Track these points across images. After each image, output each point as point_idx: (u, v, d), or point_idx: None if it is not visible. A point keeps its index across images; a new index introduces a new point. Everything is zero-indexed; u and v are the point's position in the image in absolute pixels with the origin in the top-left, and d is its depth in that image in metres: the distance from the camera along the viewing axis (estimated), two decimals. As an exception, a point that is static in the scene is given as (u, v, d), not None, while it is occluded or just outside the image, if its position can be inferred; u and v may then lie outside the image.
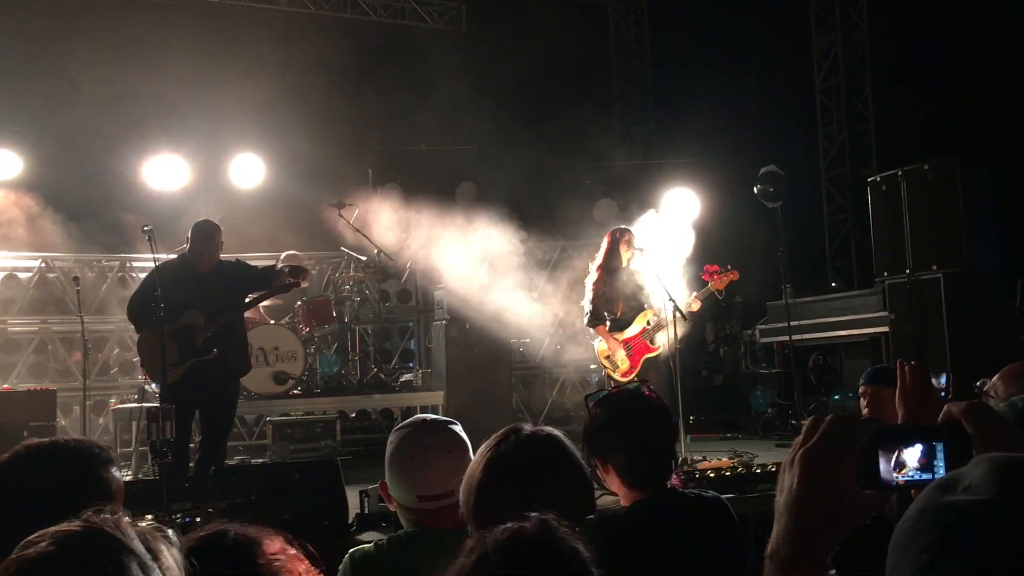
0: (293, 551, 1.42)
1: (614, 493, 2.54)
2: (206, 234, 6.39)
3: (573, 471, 1.83)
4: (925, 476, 1.00)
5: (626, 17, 14.79)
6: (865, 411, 4.13)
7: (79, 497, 1.73)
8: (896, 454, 1.02)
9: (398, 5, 13.17)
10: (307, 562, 1.44)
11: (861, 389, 4.39)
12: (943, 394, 2.05)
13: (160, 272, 6.09)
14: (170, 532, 1.24)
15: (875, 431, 1.03)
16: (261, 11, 12.20)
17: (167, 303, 5.74)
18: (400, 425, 2.35)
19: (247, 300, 6.63)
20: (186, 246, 6.49)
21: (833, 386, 9.76)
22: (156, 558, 1.17)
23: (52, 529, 1.16)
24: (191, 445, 6.58)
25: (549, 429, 1.91)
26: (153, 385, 7.29)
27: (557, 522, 1.28)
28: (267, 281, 6.55)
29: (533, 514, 1.28)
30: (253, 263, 10.07)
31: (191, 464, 6.32)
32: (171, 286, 5.96)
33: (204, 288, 6.24)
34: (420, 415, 2.43)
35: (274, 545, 1.40)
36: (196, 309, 6.11)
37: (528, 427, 1.88)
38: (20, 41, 10.39)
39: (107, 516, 1.17)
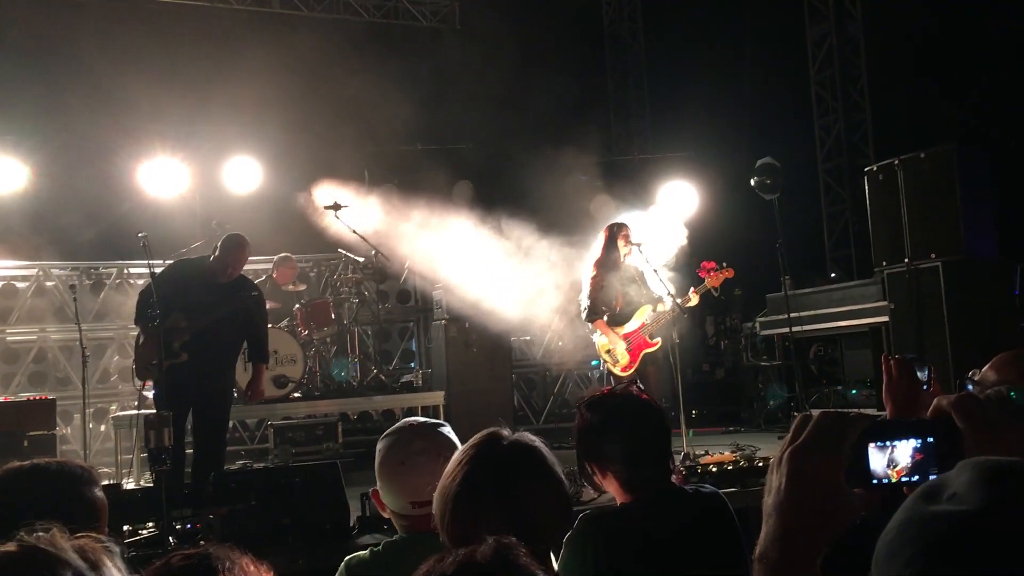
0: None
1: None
2: (235, 248, 6.38)
3: (551, 482, 1.77)
4: (917, 476, 0.98)
5: (620, 11, 14.76)
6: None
7: (63, 518, 1.72)
8: (889, 451, 1.00)
9: (391, 4, 13.14)
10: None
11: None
12: (925, 387, 2.05)
13: (173, 270, 6.16)
14: (112, 544, 1.26)
15: (865, 428, 1.01)
16: (253, 13, 12.18)
17: (167, 302, 5.77)
18: (388, 431, 2.29)
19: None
20: (191, 244, 6.48)
21: (834, 377, 9.73)
22: (96, 569, 1.19)
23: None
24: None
25: (529, 437, 1.84)
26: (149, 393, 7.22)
27: (516, 548, 1.24)
28: (256, 335, 6.62)
29: (490, 539, 1.25)
30: (252, 267, 10.10)
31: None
32: (178, 286, 5.98)
33: (211, 297, 6.22)
34: (407, 419, 2.37)
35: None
36: (183, 312, 6.08)
37: (507, 434, 1.83)
38: (14, 49, 10.37)
39: (42, 534, 1.19)
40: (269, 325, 8.68)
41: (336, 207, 9.06)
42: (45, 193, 9.59)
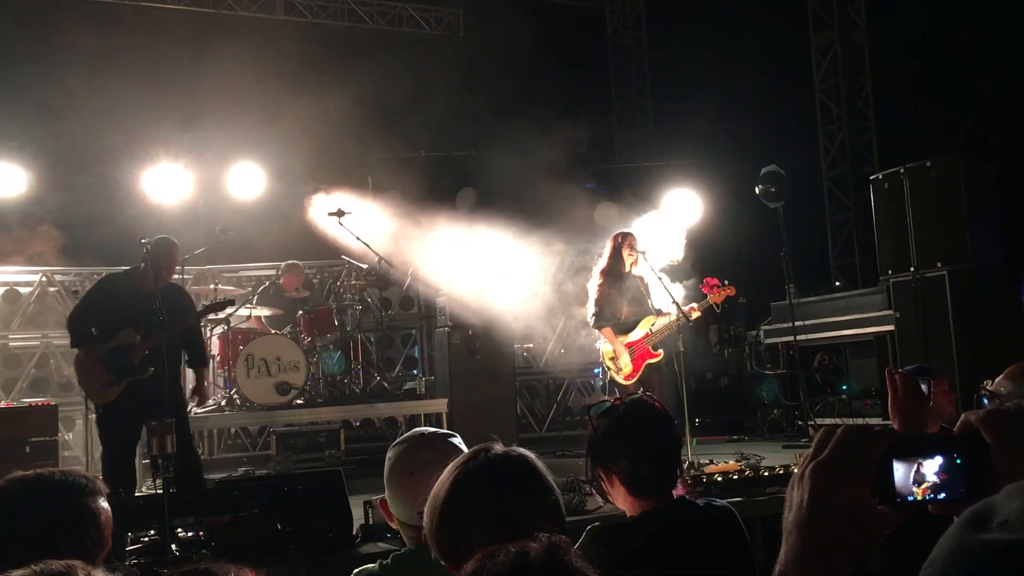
0: None
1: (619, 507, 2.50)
2: (167, 252, 6.30)
3: (543, 495, 1.74)
4: (944, 494, 0.95)
5: (624, 19, 14.77)
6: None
7: (67, 529, 1.69)
8: (915, 468, 0.97)
9: (395, 12, 13.16)
10: None
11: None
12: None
13: (105, 286, 6.16)
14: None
15: (890, 443, 0.98)
16: (258, 20, 12.20)
17: (108, 319, 5.72)
18: (397, 440, 2.30)
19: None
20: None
21: (838, 386, 9.68)
22: None
23: (16, 573, 1.15)
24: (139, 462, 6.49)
25: (520, 450, 1.82)
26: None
27: (569, 548, 1.21)
28: (194, 342, 6.60)
29: (542, 535, 1.21)
30: (255, 273, 10.10)
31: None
32: (115, 302, 5.94)
33: (148, 306, 6.02)
34: (418, 429, 2.36)
35: None
36: (133, 326, 6.01)
37: (498, 447, 1.81)
38: (17, 54, 10.38)
39: (73, 563, 1.17)
40: (273, 332, 8.71)
41: (340, 213, 9.04)
42: (48, 199, 9.59)
